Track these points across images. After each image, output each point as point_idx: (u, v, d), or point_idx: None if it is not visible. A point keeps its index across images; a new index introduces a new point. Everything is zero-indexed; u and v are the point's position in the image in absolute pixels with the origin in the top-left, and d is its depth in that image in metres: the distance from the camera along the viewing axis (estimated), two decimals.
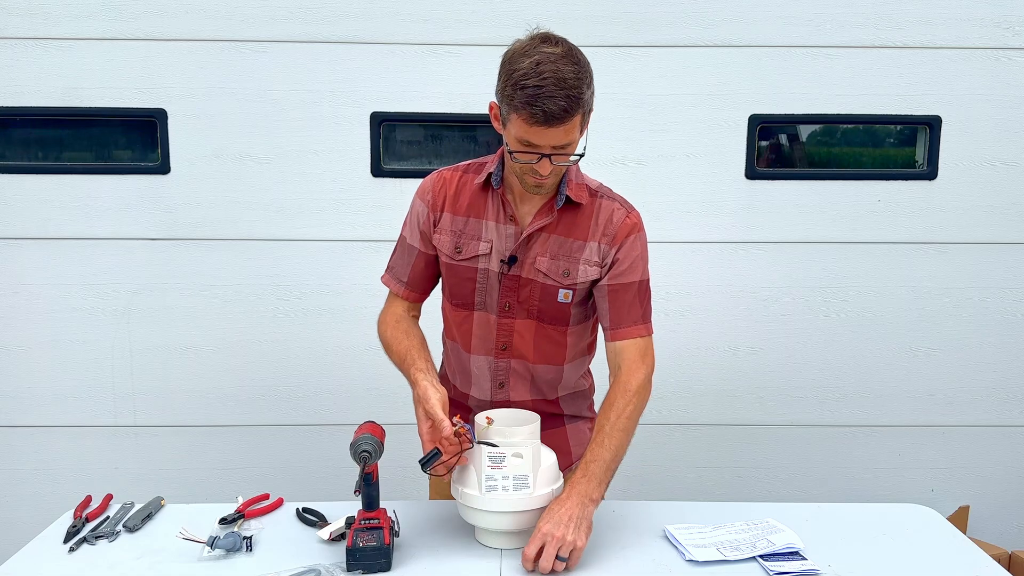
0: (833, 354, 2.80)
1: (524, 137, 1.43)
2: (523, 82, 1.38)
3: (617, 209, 1.61)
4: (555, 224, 1.59)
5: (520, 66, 1.39)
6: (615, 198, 1.64)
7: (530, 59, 1.39)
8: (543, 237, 1.60)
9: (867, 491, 2.84)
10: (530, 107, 1.37)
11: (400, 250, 1.72)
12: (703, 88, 2.65)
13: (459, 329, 1.69)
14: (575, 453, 1.76)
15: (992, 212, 2.73)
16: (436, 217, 1.66)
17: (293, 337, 2.73)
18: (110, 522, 1.60)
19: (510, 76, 1.41)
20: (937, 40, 2.63)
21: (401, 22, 2.59)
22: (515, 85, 1.39)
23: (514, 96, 1.39)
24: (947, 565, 1.48)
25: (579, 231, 1.59)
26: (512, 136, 1.45)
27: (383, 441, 1.46)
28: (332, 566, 1.43)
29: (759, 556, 1.46)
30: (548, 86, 1.36)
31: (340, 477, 1.74)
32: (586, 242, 1.59)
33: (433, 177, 1.69)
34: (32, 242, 2.67)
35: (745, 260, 2.74)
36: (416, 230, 1.68)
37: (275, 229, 2.68)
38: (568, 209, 1.59)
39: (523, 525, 1.48)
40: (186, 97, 2.61)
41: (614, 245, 1.59)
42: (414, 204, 1.69)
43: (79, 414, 2.75)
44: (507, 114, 1.44)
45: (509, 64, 1.43)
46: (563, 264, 1.60)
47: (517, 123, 1.42)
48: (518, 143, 1.45)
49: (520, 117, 1.40)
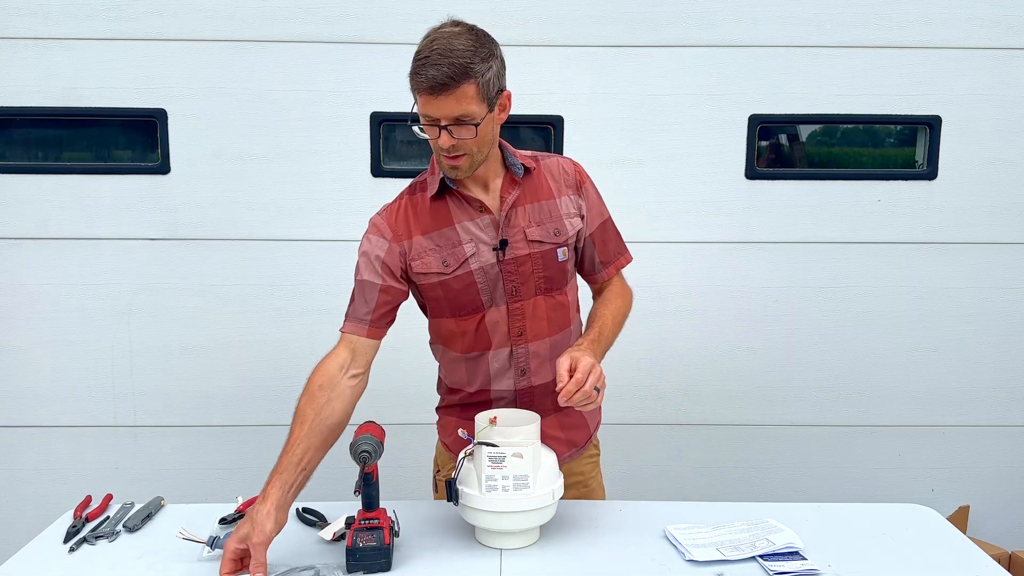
0: (833, 354, 2.81)
1: (422, 111, 1.48)
2: (416, 57, 1.46)
3: (561, 161, 1.72)
4: (523, 195, 1.64)
5: (419, 46, 1.47)
6: (552, 155, 1.74)
7: (428, 39, 1.48)
8: (520, 210, 1.64)
9: (867, 491, 2.84)
10: (417, 77, 1.45)
11: (358, 294, 1.62)
12: (703, 88, 2.66)
13: (473, 336, 1.66)
14: (593, 423, 1.80)
15: (992, 212, 2.73)
16: (405, 247, 1.61)
17: (293, 337, 2.73)
18: (110, 522, 1.60)
19: (412, 62, 1.47)
20: (937, 40, 2.64)
21: (401, 22, 2.59)
22: (413, 66, 1.46)
23: (411, 74, 1.47)
24: (947, 565, 1.48)
25: (544, 192, 1.67)
26: (419, 119, 1.51)
27: (383, 441, 1.46)
28: (329, 566, 1.43)
29: (759, 556, 1.46)
30: (434, 56, 1.43)
31: (340, 477, 1.74)
32: (556, 199, 1.67)
33: (380, 215, 1.66)
34: (32, 242, 2.67)
35: (745, 260, 2.74)
36: (374, 267, 1.61)
37: (275, 229, 2.68)
38: (526, 178, 1.66)
39: (523, 525, 1.48)
40: (186, 97, 2.61)
41: (579, 193, 1.70)
42: (364, 248, 1.63)
43: (79, 414, 2.75)
44: (413, 94, 1.49)
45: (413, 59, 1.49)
46: (551, 225, 1.65)
47: (418, 99, 1.48)
48: (422, 119, 1.50)
49: (415, 90, 1.47)
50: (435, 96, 1.44)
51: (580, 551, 1.49)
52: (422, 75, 1.43)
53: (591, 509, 1.67)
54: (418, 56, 1.45)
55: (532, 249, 1.63)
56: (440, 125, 1.47)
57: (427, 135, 1.51)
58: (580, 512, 1.64)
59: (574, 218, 1.68)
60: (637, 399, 2.79)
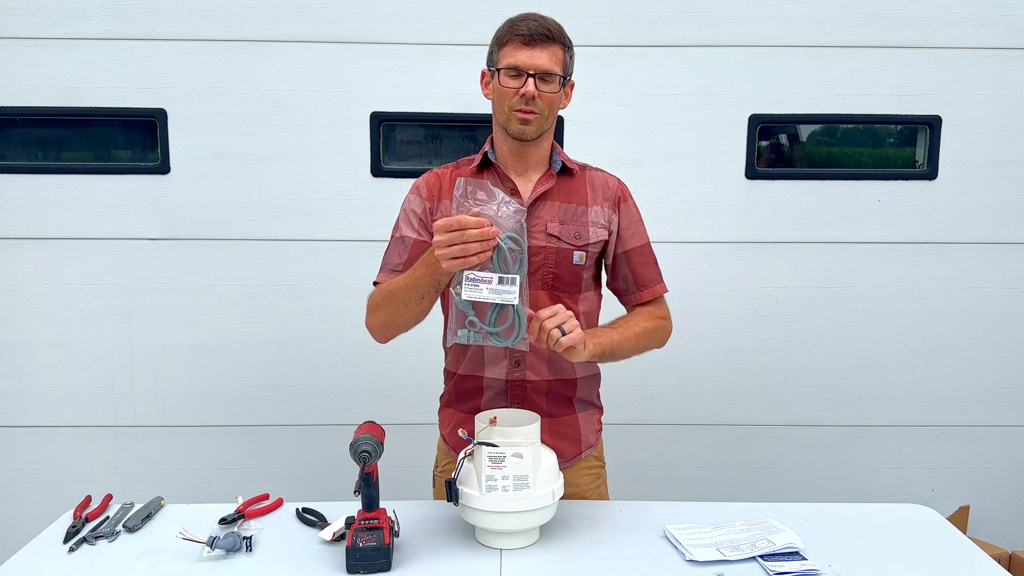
0: (833, 354, 2.80)
1: (511, 62, 1.57)
2: (511, 20, 1.61)
3: (608, 177, 1.76)
4: (556, 191, 1.68)
5: (510, 19, 1.62)
6: (603, 170, 1.78)
7: (518, 14, 1.62)
8: (548, 204, 1.67)
9: (867, 491, 2.84)
10: (515, 30, 1.57)
11: (393, 247, 1.70)
12: (703, 88, 2.66)
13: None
14: (585, 441, 1.77)
15: (992, 212, 2.73)
16: (433, 207, 1.68)
17: (293, 337, 2.73)
18: (110, 522, 1.60)
19: (501, 28, 1.61)
20: (937, 40, 2.64)
21: (401, 22, 2.59)
22: (505, 26, 1.60)
23: (503, 32, 1.59)
24: (947, 565, 1.48)
25: (579, 197, 1.70)
26: (503, 66, 1.58)
27: (383, 441, 1.45)
28: None
29: (759, 556, 1.46)
30: (532, 17, 1.59)
31: (340, 477, 1.74)
32: (588, 206, 1.69)
33: (425, 175, 1.74)
34: (32, 242, 2.67)
35: (745, 260, 2.74)
36: (411, 222, 1.69)
37: (275, 229, 2.68)
38: (564, 178, 1.70)
39: (523, 525, 1.48)
40: (186, 97, 2.61)
41: (615, 209, 1.72)
42: (406, 203, 1.72)
43: (79, 414, 2.75)
44: (496, 54, 1.61)
45: (499, 28, 1.63)
46: (573, 227, 1.67)
47: (506, 52, 1.58)
48: (506, 72, 1.58)
49: (508, 45, 1.58)
50: (531, 47, 1.56)
51: (580, 551, 1.49)
52: (522, 27, 1.56)
53: (591, 509, 1.67)
54: (513, 20, 1.60)
55: (549, 243, 1.65)
56: (529, 74, 1.56)
57: (512, 85, 1.57)
58: (580, 512, 1.64)
59: (600, 229, 1.69)
60: (637, 399, 2.79)
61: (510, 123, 1.61)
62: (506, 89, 1.58)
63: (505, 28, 1.60)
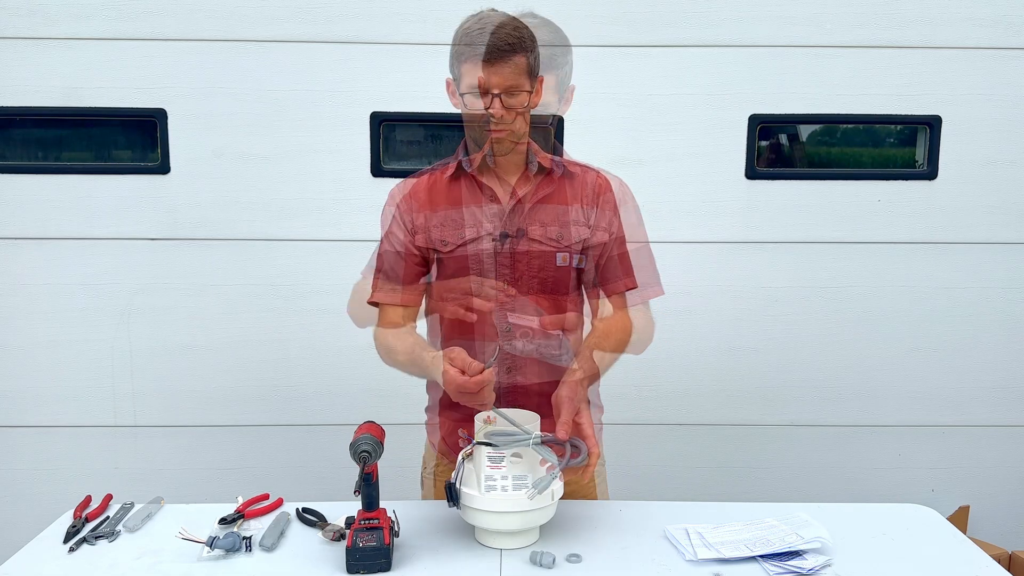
0: (833, 354, 2.80)
1: (472, 83, 1.51)
2: (467, 30, 1.52)
3: (590, 172, 1.70)
4: (535, 193, 1.64)
5: (465, 25, 1.53)
6: (590, 168, 1.72)
7: (474, 17, 1.54)
8: (528, 207, 1.64)
9: (867, 491, 2.84)
10: (473, 46, 1.49)
11: (386, 262, 1.68)
12: (703, 88, 2.66)
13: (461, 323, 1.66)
14: None
15: (992, 212, 2.73)
16: (411, 219, 1.66)
17: (293, 337, 2.73)
18: (110, 522, 1.60)
19: (457, 35, 1.53)
20: (937, 40, 2.64)
21: (401, 22, 2.59)
22: (461, 37, 1.52)
23: (461, 49, 1.52)
24: (947, 565, 1.48)
25: (559, 196, 1.66)
26: (465, 89, 1.53)
27: (383, 441, 1.45)
28: None
29: (759, 556, 1.46)
30: (488, 27, 1.49)
31: (340, 477, 1.74)
32: (569, 205, 1.65)
33: (398, 185, 1.72)
34: (32, 242, 2.67)
35: (745, 260, 2.74)
36: (400, 232, 1.66)
37: (275, 229, 2.68)
38: (544, 180, 1.66)
39: (523, 525, 1.48)
40: (186, 97, 2.61)
41: (594, 205, 1.67)
42: (386, 214, 1.70)
43: (79, 414, 2.75)
44: (458, 71, 1.54)
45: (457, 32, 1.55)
46: (554, 229, 1.64)
47: (466, 70, 1.52)
48: (469, 94, 1.53)
49: (468, 63, 1.51)
50: (491, 64, 1.49)
51: (580, 551, 1.49)
52: (479, 37, 1.49)
53: (591, 509, 1.67)
54: (468, 31, 1.51)
55: (531, 248, 1.63)
56: (493, 94, 1.51)
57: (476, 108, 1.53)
58: (580, 512, 1.64)
59: (582, 227, 1.65)
60: (637, 399, 2.79)
61: (482, 143, 1.59)
62: (473, 112, 1.55)
63: (463, 40, 1.52)
